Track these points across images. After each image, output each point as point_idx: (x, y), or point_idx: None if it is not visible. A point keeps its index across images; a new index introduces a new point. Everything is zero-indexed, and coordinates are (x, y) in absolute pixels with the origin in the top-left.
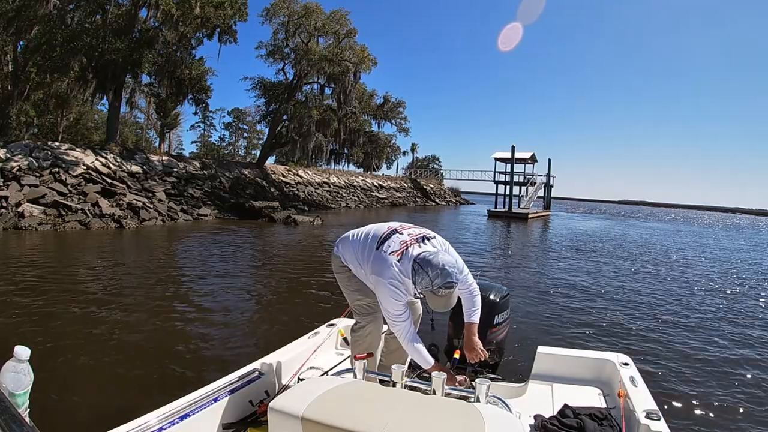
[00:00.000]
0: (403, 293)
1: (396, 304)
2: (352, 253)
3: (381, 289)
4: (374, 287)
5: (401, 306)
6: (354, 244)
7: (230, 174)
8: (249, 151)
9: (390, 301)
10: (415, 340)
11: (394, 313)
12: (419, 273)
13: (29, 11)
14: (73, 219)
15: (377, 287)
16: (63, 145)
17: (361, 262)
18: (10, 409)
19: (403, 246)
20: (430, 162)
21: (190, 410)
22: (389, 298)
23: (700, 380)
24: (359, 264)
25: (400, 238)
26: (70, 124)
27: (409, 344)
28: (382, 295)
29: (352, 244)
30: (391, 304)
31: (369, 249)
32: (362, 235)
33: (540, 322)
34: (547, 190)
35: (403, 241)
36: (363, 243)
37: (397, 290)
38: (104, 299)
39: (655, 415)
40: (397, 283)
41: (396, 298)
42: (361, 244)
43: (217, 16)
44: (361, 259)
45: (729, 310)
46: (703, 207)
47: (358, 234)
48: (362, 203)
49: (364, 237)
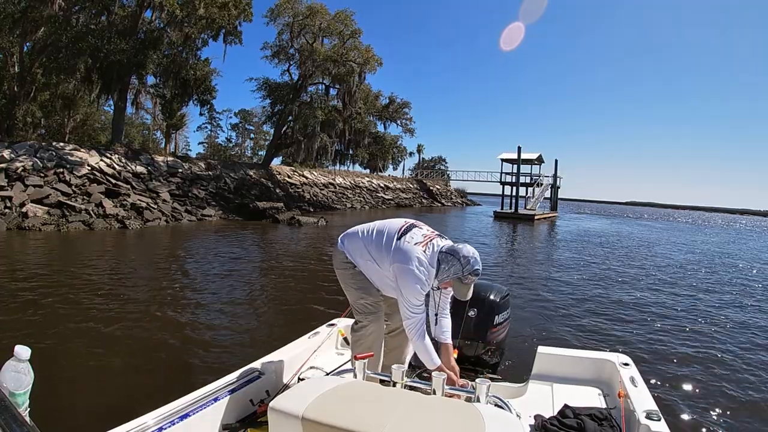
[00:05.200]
0: (426, 282)
1: (419, 292)
2: (363, 247)
3: (406, 277)
4: (398, 276)
5: (422, 296)
6: (365, 239)
7: (235, 175)
8: (255, 152)
9: (414, 288)
10: (425, 337)
11: (414, 303)
12: (448, 261)
13: (35, 12)
14: (77, 219)
15: (402, 275)
16: (68, 146)
17: (375, 256)
18: (10, 408)
19: (426, 239)
20: (437, 163)
21: (191, 410)
22: (414, 285)
23: (700, 380)
24: (371, 258)
25: (421, 231)
26: (77, 125)
27: (418, 340)
28: (406, 283)
29: (363, 239)
30: (413, 292)
31: (387, 241)
32: (374, 229)
33: (540, 322)
34: (553, 191)
35: (425, 235)
36: (378, 236)
37: (423, 277)
38: (105, 299)
39: (655, 416)
40: (424, 270)
41: (421, 285)
42: (375, 238)
43: (222, 17)
44: (374, 252)
45: (730, 311)
46: (711, 208)
47: (369, 229)
48: (368, 204)
49: (377, 231)
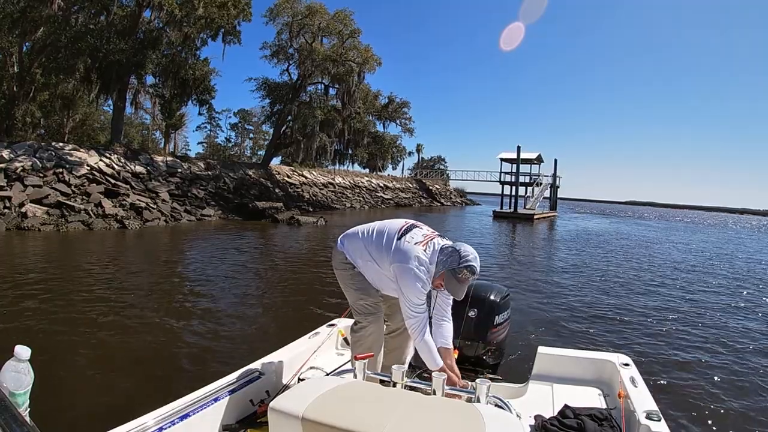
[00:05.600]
0: (427, 281)
1: (420, 291)
2: (363, 248)
3: (406, 276)
4: (398, 275)
5: (423, 295)
6: (365, 240)
7: (234, 174)
8: (255, 152)
9: (415, 287)
10: (428, 336)
11: (416, 302)
12: (446, 253)
13: (34, 12)
14: (76, 219)
15: (402, 275)
16: (67, 146)
17: (375, 256)
18: (10, 408)
19: (426, 238)
20: (436, 162)
21: (191, 410)
22: (415, 284)
23: (701, 381)
24: (371, 258)
25: (421, 231)
26: (77, 125)
27: (420, 340)
28: (406, 282)
29: (363, 240)
30: (414, 291)
31: (388, 241)
32: (374, 230)
33: (541, 322)
34: (553, 191)
35: (425, 235)
36: (378, 237)
37: (423, 276)
38: (105, 299)
39: (655, 416)
40: (424, 269)
41: (421, 284)
42: (375, 238)
43: (221, 17)
44: (375, 253)
45: (731, 311)
46: (710, 208)
47: (369, 229)
48: (367, 204)
49: (377, 232)
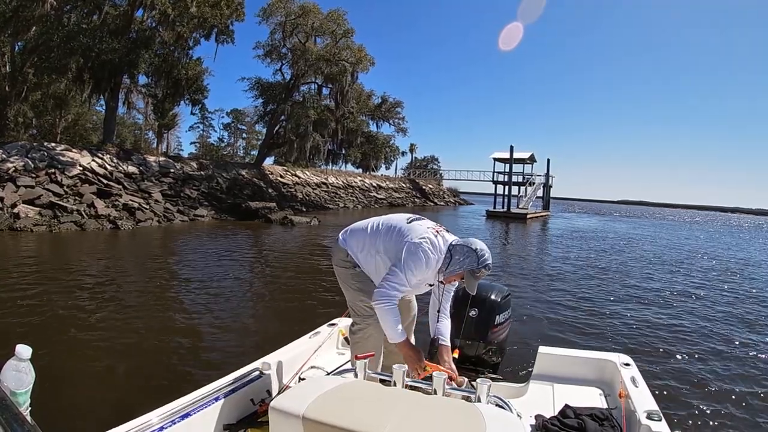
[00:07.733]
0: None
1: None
2: (371, 242)
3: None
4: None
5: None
6: (374, 233)
7: (227, 174)
8: (248, 152)
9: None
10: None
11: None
12: (463, 252)
13: (26, 12)
14: (69, 220)
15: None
16: (59, 146)
17: (386, 247)
18: (11, 407)
19: (435, 229)
20: (429, 162)
21: (191, 409)
22: (419, 260)
23: (701, 381)
24: (375, 251)
25: (427, 224)
26: (69, 125)
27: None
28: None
29: (372, 233)
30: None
31: (398, 230)
32: (381, 222)
33: (541, 322)
34: (546, 190)
35: (431, 227)
36: (387, 228)
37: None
38: (104, 300)
39: (656, 416)
40: (432, 248)
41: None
42: (384, 230)
43: (214, 16)
44: (387, 243)
45: (731, 311)
46: (703, 207)
47: (376, 222)
48: (360, 204)
49: (385, 224)
